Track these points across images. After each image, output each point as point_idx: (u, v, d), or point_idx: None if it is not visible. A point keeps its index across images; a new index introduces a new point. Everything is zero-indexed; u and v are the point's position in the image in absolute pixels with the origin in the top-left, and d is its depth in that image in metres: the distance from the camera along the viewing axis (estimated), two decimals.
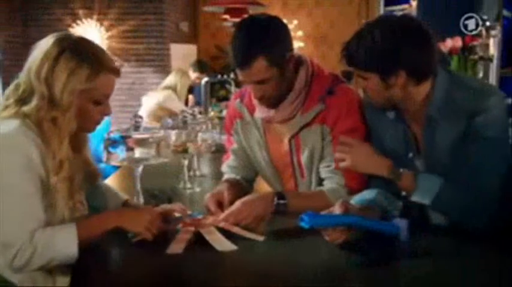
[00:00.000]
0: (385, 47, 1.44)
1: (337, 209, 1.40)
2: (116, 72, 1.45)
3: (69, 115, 1.36)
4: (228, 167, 1.97)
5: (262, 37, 1.62)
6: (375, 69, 1.48)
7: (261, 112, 1.79)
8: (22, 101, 1.37)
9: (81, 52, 1.38)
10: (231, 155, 1.96)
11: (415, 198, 1.47)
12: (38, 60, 1.37)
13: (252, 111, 1.84)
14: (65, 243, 1.29)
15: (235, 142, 1.94)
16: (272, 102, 1.73)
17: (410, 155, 1.58)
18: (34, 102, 1.35)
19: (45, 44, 1.40)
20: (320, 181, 1.76)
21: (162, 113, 4.61)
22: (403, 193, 1.53)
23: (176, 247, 1.41)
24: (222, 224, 1.54)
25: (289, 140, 1.78)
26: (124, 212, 1.54)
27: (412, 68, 1.46)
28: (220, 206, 1.66)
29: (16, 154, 1.28)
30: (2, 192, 1.27)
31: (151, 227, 1.43)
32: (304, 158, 1.77)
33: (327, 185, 1.72)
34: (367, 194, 1.57)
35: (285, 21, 1.73)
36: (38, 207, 1.30)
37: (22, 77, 1.41)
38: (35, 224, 1.28)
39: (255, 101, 1.78)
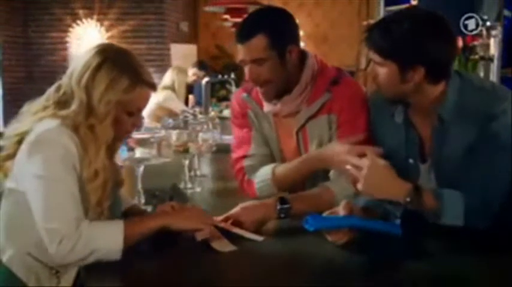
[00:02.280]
0: (411, 39, 1.40)
1: (341, 211, 1.39)
2: (152, 86, 1.47)
3: (106, 124, 1.38)
4: (251, 160, 1.83)
5: (267, 18, 1.70)
6: (395, 59, 1.43)
7: (268, 106, 1.79)
8: (61, 103, 1.40)
9: (121, 64, 1.40)
10: (252, 143, 1.86)
11: (446, 222, 1.39)
12: (80, 67, 1.40)
13: (261, 105, 1.82)
14: (110, 236, 1.29)
15: (253, 129, 1.87)
16: (269, 90, 1.72)
17: (411, 160, 1.56)
18: (73, 107, 1.37)
19: (87, 53, 1.42)
20: (327, 172, 1.73)
21: (162, 113, 4.61)
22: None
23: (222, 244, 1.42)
24: (221, 224, 1.53)
25: (296, 133, 1.77)
26: (171, 212, 1.53)
27: (432, 66, 1.43)
28: None
29: (57, 147, 1.31)
30: (46, 182, 1.30)
31: (205, 221, 1.44)
32: (312, 149, 1.75)
33: (334, 177, 1.70)
34: None
35: None
36: (79, 198, 1.33)
37: (64, 79, 1.43)
38: (79, 212, 1.30)
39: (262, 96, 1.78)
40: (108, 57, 1.40)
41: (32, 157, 1.32)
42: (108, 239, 1.29)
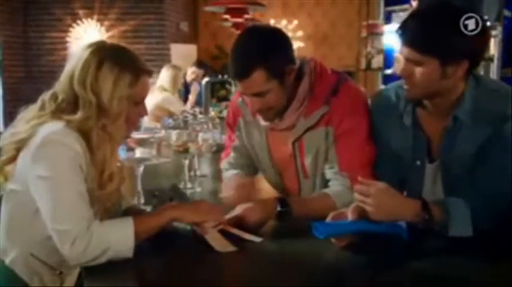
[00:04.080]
0: (455, 31, 1.33)
1: (350, 216, 1.37)
2: (151, 74, 1.49)
3: (120, 123, 1.39)
4: (228, 164, 1.93)
5: (262, 48, 1.58)
6: (437, 54, 1.35)
7: (264, 121, 1.76)
8: (60, 111, 1.38)
9: (120, 59, 1.41)
10: (232, 152, 1.92)
11: (455, 234, 1.36)
12: (79, 70, 1.38)
13: (254, 113, 1.80)
14: (122, 233, 1.29)
15: (237, 139, 1.90)
16: (271, 115, 1.70)
17: (418, 163, 1.54)
18: (80, 112, 1.36)
19: (82, 54, 1.40)
20: (325, 181, 1.72)
21: (162, 114, 4.61)
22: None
23: (223, 244, 1.41)
24: (221, 225, 1.52)
25: (293, 143, 1.74)
26: (180, 205, 1.54)
27: (476, 59, 1.38)
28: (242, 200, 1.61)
29: (63, 148, 1.31)
30: (54, 183, 1.29)
31: (214, 213, 1.45)
32: (307, 160, 1.73)
33: (333, 187, 1.68)
34: None
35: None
36: (87, 197, 1.32)
37: (59, 86, 1.42)
38: (89, 212, 1.30)
39: None
40: (106, 55, 1.39)
41: (37, 158, 1.31)
42: (120, 237, 1.29)
